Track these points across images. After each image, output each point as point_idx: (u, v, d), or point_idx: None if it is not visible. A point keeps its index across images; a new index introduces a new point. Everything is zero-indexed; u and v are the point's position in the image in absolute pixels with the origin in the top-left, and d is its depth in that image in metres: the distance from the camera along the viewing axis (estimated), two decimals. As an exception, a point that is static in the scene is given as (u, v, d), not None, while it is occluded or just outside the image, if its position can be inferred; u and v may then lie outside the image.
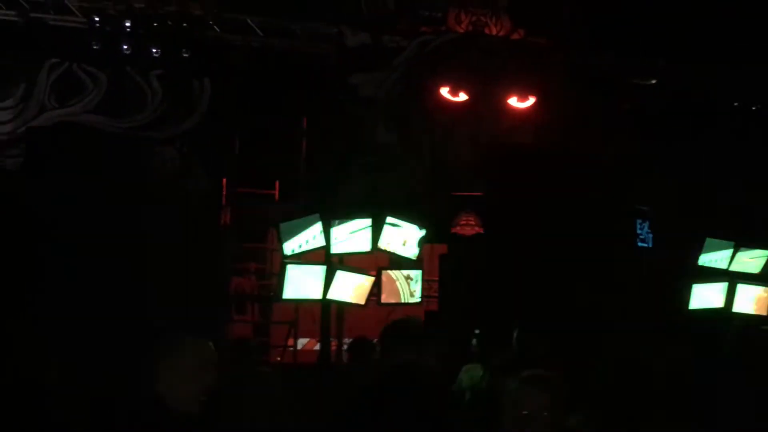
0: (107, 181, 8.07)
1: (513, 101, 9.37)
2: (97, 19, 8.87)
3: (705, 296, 9.39)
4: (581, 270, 9.30)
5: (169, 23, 9.01)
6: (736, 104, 10.19)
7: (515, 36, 9.45)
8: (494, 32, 9.33)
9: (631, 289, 9.46)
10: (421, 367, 2.68)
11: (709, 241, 9.40)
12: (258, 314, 10.62)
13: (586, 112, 9.35)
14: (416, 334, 2.90)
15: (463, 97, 9.29)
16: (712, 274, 9.41)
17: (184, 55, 9.12)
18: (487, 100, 9.26)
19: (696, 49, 9.48)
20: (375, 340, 5.49)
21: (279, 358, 10.02)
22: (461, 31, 9.39)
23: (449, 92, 9.32)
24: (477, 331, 8.29)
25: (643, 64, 10.02)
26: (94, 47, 8.94)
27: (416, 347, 2.83)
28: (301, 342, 10.58)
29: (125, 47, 8.95)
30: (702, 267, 9.42)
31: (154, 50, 9.05)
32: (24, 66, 8.92)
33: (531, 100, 9.32)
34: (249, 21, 9.48)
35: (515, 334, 5.65)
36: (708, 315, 9.27)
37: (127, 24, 8.93)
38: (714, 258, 9.45)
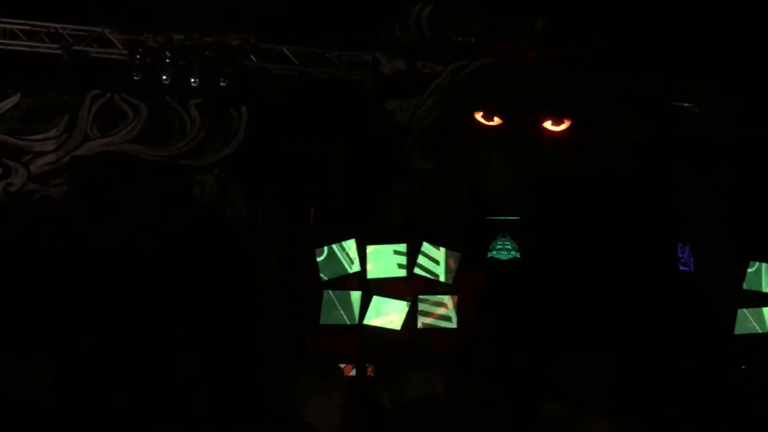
0: (148, 209, 8.21)
1: (548, 125, 9.33)
2: (137, 50, 9.09)
3: (751, 320, 9.17)
4: (621, 295, 9.15)
5: (207, 53, 9.19)
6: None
7: (550, 60, 9.43)
8: (528, 57, 9.33)
9: (673, 315, 9.27)
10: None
11: (753, 263, 9.19)
12: (295, 341, 10.62)
13: (627, 136, 9.26)
14: (426, 362, 2.81)
15: (497, 121, 9.27)
16: (757, 298, 9.19)
17: (222, 84, 9.28)
18: (522, 125, 9.24)
19: (741, 71, 9.36)
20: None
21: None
22: (495, 56, 9.40)
23: (483, 117, 9.31)
24: None
25: (683, 85, 9.92)
26: (135, 78, 9.15)
27: (429, 377, 2.74)
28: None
29: (165, 77, 9.14)
30: (747, 291, 9.21)
31: (193, 80, 9.23)
32: (67, 97, 9.15)
33: (566, 124, 9.26)
34: (285, 50, 9.63)
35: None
36: (756, 339, 9.05)
37: (167, 55, 9.13)
38: (759, 281, 9.24)
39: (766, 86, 9.62)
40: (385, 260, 8.33)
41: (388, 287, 8.69)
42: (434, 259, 8.45)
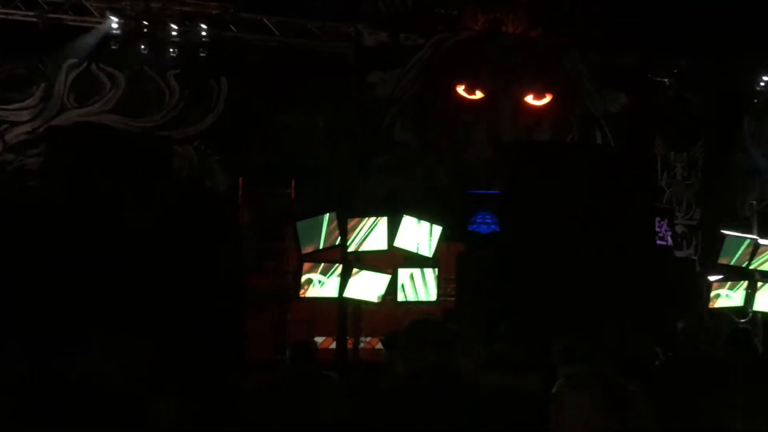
0: (125, 181, 8.11)
1: (530, 99, 9.34)
2: (115, 19, 8.93)
3: (725, 295, 9.31)
4: (598, 268, 9.24)
5: (187, 23, 9.06)
6: (756, 101, 10.10)
7: (532, 34, 9.43)
8: (511, 30, 9.31)
9: (650, 288, 9.39)
10: (451, 370, 2.65)
11: (729, 238, 9.32)
12: (276, 313, 10.64)
13: (605, 110, 9.31)
14: (440, 335, 2.86)
15: (479, 95, 9.27)
16: (732, 273, 9.33)
17: (202, 54, 9.16)
18: (504, 99, 9.24)
19: (718, 47, 9.41)
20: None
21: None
22: (478, 29, 9.37)
23: (465, 90, 9.30)
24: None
25: (663, 61, 9.96)
26: (113, 47, 9.00)
27: (443, 349, 2.79)
28: (318, 340, 10.58)
29: (143, 47, 9.00)
30: (722, 265, 9.34)
31: (172, 50, 9.10)
32: (44, 66, 8.99)
33: (547, 98, 9.28)
34: (266, 21, 9.52)
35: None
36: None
37: (145, 24, 8.99)
38: (734, 256, 9.36)
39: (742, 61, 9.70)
40: (365, 233, 8.32)
41: (368, 260, 8.70)
42: (415, 232, 8.45)
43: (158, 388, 3.14)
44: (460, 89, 9.28)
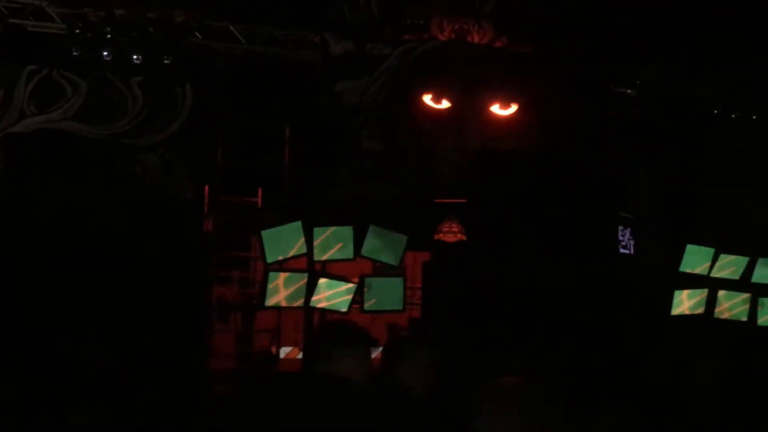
0: (88, 189, 8.00)
1: (495, 108, 9.40)
2: (77, 25, 8.79)
3: (686, 303, 9.46)
4: (563, 276, 9.33)
5: (151, 30, 8.96)
6: (716, 112, 10.27)
7: (498, 44, 9.48)
8: (477, 40, 9.36)
9: (613, 296, 9.50)
10: (336, 379, 2.57)
11: (689, 247, 9.46)
12: (241, 323, 10.55)
13: (570, 120, 9.39)
14: (337, 341, 2.82)
15: (445, 104, 9.30)
16: (693, 281, 9.48)
17: (166, 61, 9.05)
18: (470, 108, 9.28)
19: (683, 57, 9.55)
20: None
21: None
22: (444, 38, 9.40)
23: (432, 99, 9.33)
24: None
25: (627, 71, 10.09)
26: (74, 53, 8.86)
27: (339, 355, 2.74)
28: (284, 351, 10.52)
29: (105, 54, 8.87)
30: (683, 273, 9.48)
31: (135, 57, 8.98)
32: (2, 72, 8.82)
33: (513, 108, 9.35)
34: (231, 28, 9.45)
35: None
36: (690, 321, 9.35)
37: (108, 30, 8.85)
38: (695, 265, 9.52)
39: (710, 68, 9.86)
40: (331, 242, 8.30)
41: (334, 269, 8.68)
42: (381, 241, 8.46)
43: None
44: (427, 98, 9.31)
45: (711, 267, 9.48)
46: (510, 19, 9.30)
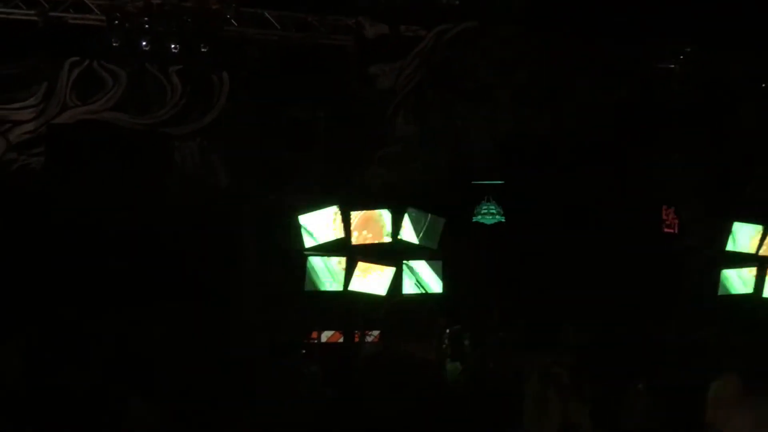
0: (128, 177, 8.11)
1: (528, 90, 9.28)
2: (115, 16, 8.92)
3: (734, 282, 9.24)
4: (606, 257, 9.18)
5: (188, 19, 9.04)
6: (764, 85, 9.97)
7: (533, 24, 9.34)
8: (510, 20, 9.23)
9: (659, 276, 9.32)
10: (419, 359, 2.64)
11: (737, 225, 9.22)
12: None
13: (606, 101, 9.22)
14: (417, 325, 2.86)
15: (478, 85, 9.21)
16: (741, 259, 9.24)
17: (203, 50, 9.13)
18: (503, 90, 9.17)
19: (717, 36, 9.29)
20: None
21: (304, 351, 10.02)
22: (478, 20, 9.30)
23: (466, 81, 9.25)
24: (453, 328, 8.03)
25: (663, 50, 9.86)
26: (114, 44, 8.99)
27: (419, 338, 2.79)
28: (326, 335, 10.56)
29: (144, 44, 8.98)
30: (730, 252, 9.25)
31: (173, 46, 9.08)
32: (45, 65, 8.99)
33: (545, 88, 9.21)
34: (267, 14, 9.48)
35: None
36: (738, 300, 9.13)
37: (146, 20, 8.96)
38: (743, 242, 9.28)
39: (748, 47, 9.57)
40: (369, 226, 8.30)
41: (372, 253, 8.67)
42: (419, 225, 8.43)
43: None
44: (461, 80, 9.23)
45: (760, 245, 9.23)
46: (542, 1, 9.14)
